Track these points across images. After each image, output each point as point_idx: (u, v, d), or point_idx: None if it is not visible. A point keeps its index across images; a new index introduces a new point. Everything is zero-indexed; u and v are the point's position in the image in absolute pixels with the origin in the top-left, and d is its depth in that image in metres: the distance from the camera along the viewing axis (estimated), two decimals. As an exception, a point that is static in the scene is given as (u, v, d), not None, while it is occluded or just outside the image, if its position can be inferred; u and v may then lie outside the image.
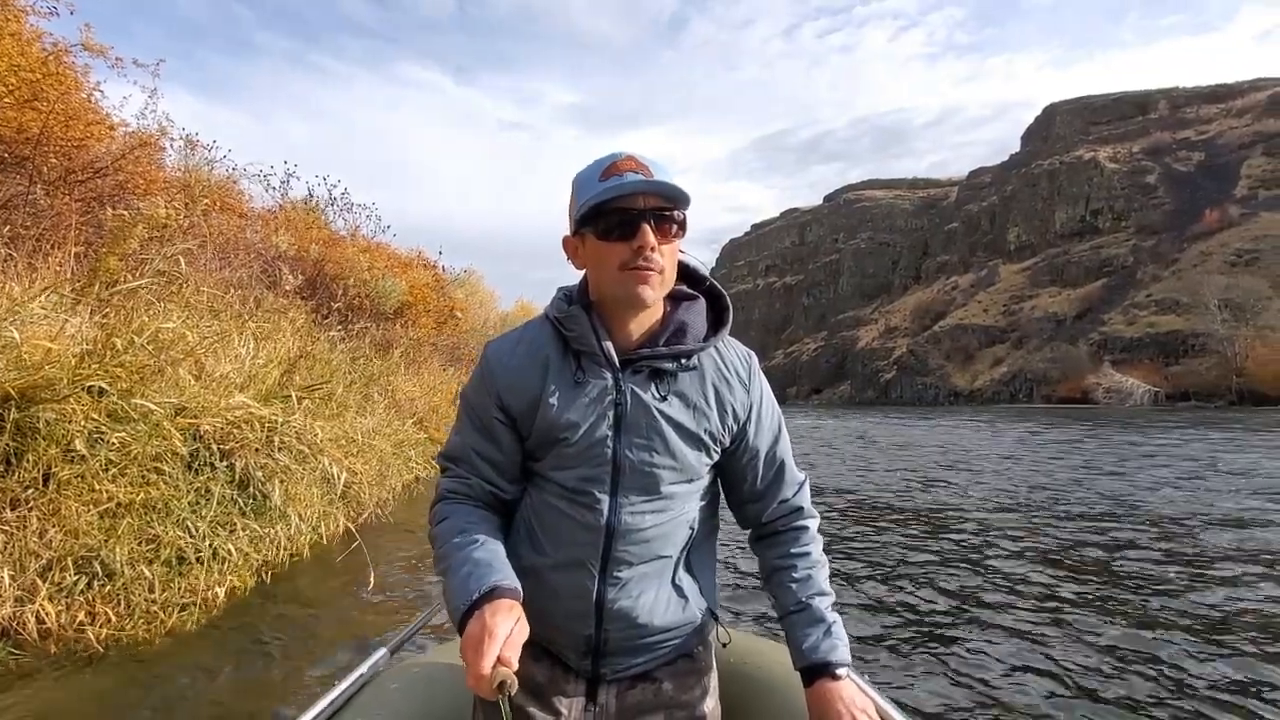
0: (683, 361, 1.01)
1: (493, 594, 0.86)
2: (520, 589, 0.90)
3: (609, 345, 1.00)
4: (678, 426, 1.00)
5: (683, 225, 0.98)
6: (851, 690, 1.00)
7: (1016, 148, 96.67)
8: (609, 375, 0.99)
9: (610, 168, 0.95)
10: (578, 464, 0.99)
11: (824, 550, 1.14)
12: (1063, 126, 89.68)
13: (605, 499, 0.98)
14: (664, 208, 0.95)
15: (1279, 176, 64.46)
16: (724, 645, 1.20)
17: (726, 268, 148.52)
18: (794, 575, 1.08)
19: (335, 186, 11.33)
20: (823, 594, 1.07)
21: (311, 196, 11.22)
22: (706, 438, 1.03)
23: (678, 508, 1.03)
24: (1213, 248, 60.01)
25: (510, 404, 1.01)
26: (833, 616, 1.06)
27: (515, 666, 0.79)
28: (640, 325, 1.02)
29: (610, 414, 0.98)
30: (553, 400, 0.99)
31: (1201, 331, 50.61)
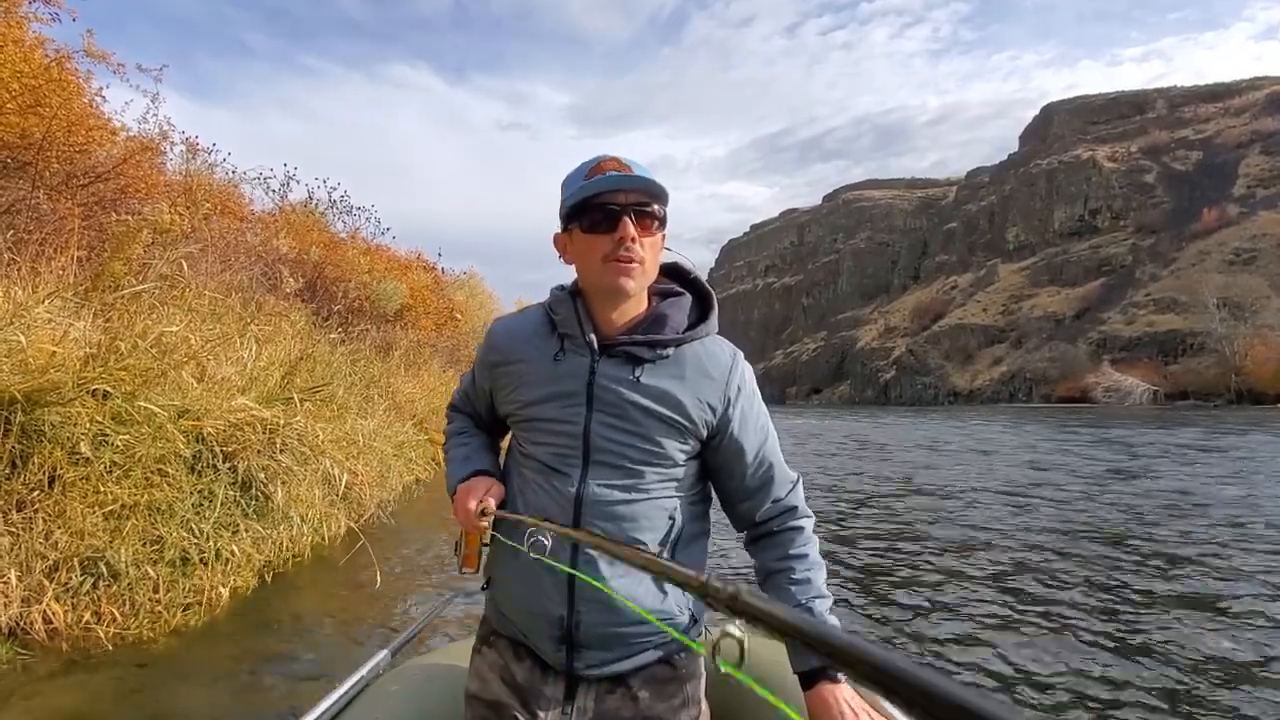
0: (658, 350, 1.06)
1: (476, 473, 1.15)
2: (496, 471, 1.17)
3: (590, 330, 1.06)
4: (646, 409, 1.04)
5: (663, 221, 1.05)
6: (850, 692, 1.02)
7: (1018, 147, 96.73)
8: (587, 357, 1.06)
9: (595, 167, 1.02)
10: (552, 438, 1.07)
11: (821, 551, 1.15)
12: (1061, 126, 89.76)
13: (575, 471, 1.04)
14: (644, 203, 1.02)
15: (1277, 175, 64.51)
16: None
17: (725, 268, 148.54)
18: (792, 577, 1.09)
19: (335, 189, 11.36)
20: (821, 596, 1.09)
21: (311, 199, 11.25)
22: (678, 423, 1.05)
23: (650, 490, 1.05)
24: (1211, 247, 60.06)
25: (497, 374, 1.15)
26: (833, 619, 1.07)
27: (492, 507, 1.08)
28: (623, 315, 1.07)
29: (583, 392, 1.05)
30: (532, 373, 1.09)
31: (1200, 330, 50.64)
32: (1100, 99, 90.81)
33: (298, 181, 11.17)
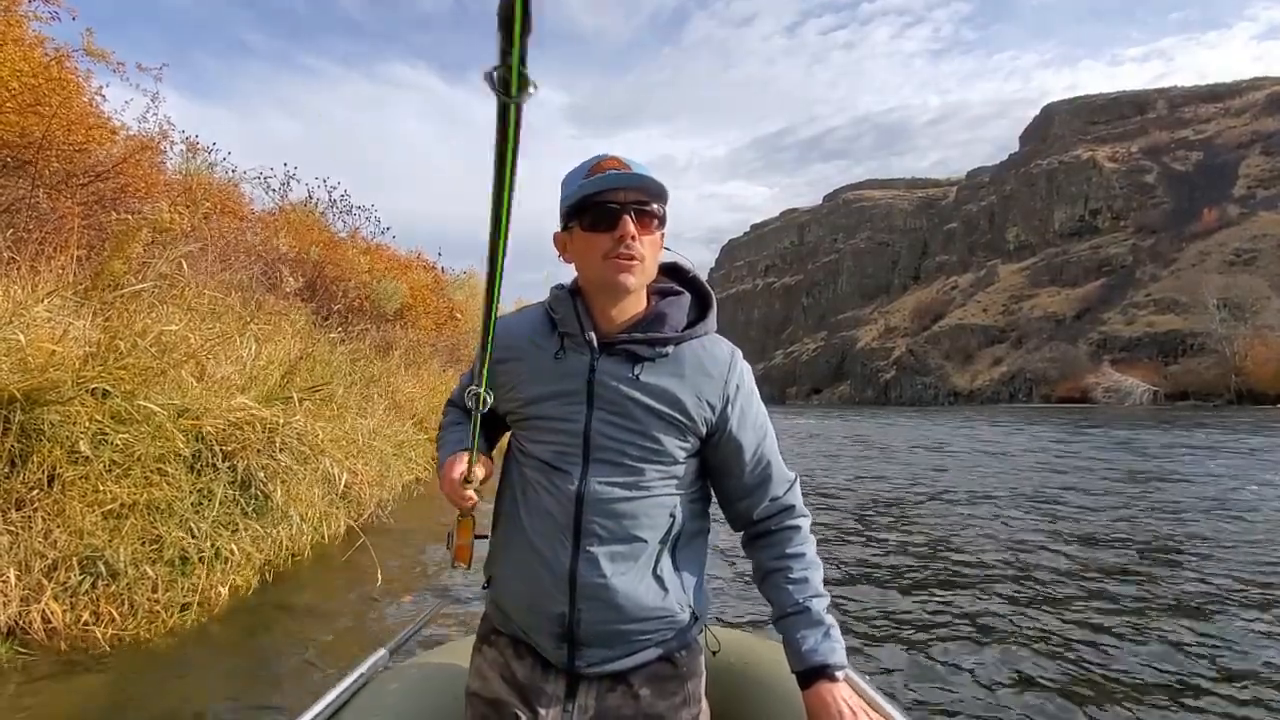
0: (658, 348, 1.06)
1: (461, 451, 1.13)
2: (487, 452, 1.17)
3: (590, 328, 1.07)
4: (647, 407, 1.05)
5: (662, 220, 1.06)
6: (848, 691, 1.04)
7: (1018, 146, 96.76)
8: (587, 355, 1.07)
9: (595, 166, 1.03)
10: (552, 437, 1.07)
11: (818, 550, 1.15)
12: (1061, 126, 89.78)
13: (576, 469, 1.05)
14: (644, 201, 1.03)
15: (1277, 175, 64.52)
16: (714, 653, 1.20)
17: (726, 268, 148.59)
18: (790, 577, 1.10)
19: (335, 189, 11.34)
20: (819, 596, 1.10)
21: (311, 198, 11.22)
22: (678, 421, 1.06)
23: (651, 487, 1.06)
24: (1211, 247, 60.07)
25: (497, 372, 1.13)
26: (830, 619, 1.08)
27: (479, 475, 1.08)
28: (622, 313, 1.08)
29: (584, 390, 1.05)
30: (532, 371, 1.10)
31: (1200, 331, 50.64)
32: (1101, 99, 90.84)
33: (298, 181, 11.13)
